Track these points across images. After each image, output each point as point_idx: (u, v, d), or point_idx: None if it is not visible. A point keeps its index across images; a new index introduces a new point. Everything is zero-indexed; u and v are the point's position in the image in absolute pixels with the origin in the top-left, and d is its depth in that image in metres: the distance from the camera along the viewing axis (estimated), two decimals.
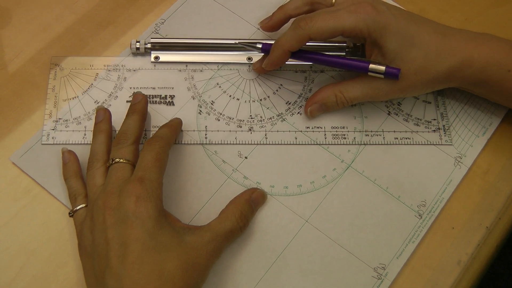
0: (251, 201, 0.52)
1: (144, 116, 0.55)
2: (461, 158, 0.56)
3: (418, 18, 0.55)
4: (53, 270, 0.51)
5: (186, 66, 0.61)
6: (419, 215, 0.54)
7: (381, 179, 0.55)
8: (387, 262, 0.52)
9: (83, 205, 0.50)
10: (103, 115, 0.55)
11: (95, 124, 0.55)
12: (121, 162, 0.50)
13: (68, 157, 0.54)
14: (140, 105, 0.55)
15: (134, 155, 0.51)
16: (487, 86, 0.55)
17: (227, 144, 0.56)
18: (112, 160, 0.50)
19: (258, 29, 0.62)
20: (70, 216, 0.51)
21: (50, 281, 0.50)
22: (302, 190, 0.55)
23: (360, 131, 0.57)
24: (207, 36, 0.62)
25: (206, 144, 0.56)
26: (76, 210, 0.50)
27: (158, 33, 0.62)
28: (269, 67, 0.57)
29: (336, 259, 0.52)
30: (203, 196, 0.54)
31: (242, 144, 0.56)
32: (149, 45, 0.60)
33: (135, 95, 0.57)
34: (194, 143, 0.56)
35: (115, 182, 0.48)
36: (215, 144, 0.56)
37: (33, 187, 0.54)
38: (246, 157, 0.56)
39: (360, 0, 0.53)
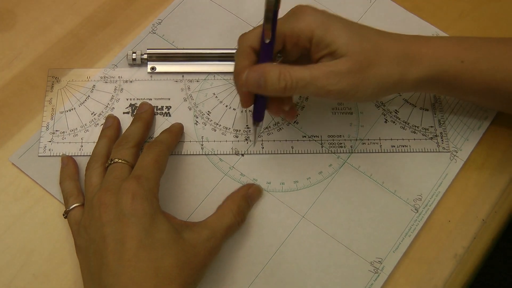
0: (248, 197, 0.53)
1: (148, 125, 0.56)
2: (456, 152, 0.57)
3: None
4: (53, 269, 0.51)
5: (183, 76, 0.61)
6: (415, 209, 0.54)
7: (377, 174, 0.56)
8: (383, 256, 0.52)
9: (76, 205, 0.51)
10: (111, 122, 0.56)
11: (102, 129, 0.56)
12: (120, 162, 0.50)
13: (66, 162, 0.55)
14: (146, 114, 0.56)
15: (134, 157, 0.51)
16: (447, 84, 0.52)
17: (224, 141, 0.57)
18: (111, 160, 0.50)
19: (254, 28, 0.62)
20: (64, 218, 0.51)
21: (50, 279, 0.51)
22: (299, 186, 0.55)
23: (356, 140, 0.57)
24: (204, 36, 0.63)
25: (203, 141, 0.57)
26: (69, 210, 0.51)
27: (155, 33, 0.63)
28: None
29: (333, 254, 0.52)
30: (200, 194, 0.54)
31: (238, 154, 0.57)
32: (145, 56, 0.60)
33: (142, 105, 0.57)
34: (191, 154, 0.56)
35: (112, 181, 0.48)
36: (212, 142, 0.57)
37: (32, 187, 0.54)
38: (242, 155, 0.56)
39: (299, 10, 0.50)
